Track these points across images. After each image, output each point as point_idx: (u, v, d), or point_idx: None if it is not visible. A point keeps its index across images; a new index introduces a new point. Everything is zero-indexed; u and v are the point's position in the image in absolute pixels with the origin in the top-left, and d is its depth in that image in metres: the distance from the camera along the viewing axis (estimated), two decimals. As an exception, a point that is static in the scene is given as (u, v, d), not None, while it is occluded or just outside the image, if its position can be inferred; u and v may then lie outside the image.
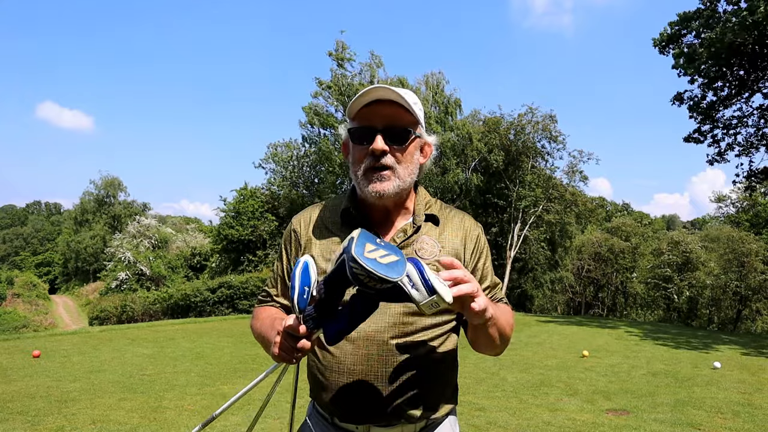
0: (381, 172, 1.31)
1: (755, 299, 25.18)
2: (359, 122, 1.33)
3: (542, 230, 25.26)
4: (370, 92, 1.28)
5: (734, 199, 32.36)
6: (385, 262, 1.03)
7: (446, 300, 1.06)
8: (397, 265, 1.04)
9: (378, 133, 1.30)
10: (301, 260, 1.13)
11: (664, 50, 16.73)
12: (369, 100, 1.29)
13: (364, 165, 1.33)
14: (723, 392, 6.27)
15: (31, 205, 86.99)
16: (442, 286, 1.07)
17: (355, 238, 1.05)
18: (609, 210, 49.67)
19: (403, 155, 1.34)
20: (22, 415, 4.74)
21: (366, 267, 0.99)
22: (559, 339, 11.48)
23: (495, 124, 23.71)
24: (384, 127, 1.31)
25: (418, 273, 1.06)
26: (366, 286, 1.04)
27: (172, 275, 36.16)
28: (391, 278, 1.01)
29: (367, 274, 1.00)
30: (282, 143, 27.35)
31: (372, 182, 1.32)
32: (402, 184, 1.34)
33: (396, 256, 1.06)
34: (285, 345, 1.15)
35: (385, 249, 1.06)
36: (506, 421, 4.81)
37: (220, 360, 7.99)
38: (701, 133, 17.17)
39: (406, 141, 1.33)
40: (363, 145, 1.32)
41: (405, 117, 1.32)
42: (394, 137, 1.32)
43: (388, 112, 1.30)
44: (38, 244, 69.94)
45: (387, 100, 1.30)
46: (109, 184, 52.27)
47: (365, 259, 1.00)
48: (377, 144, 1.29)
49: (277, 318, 1.39)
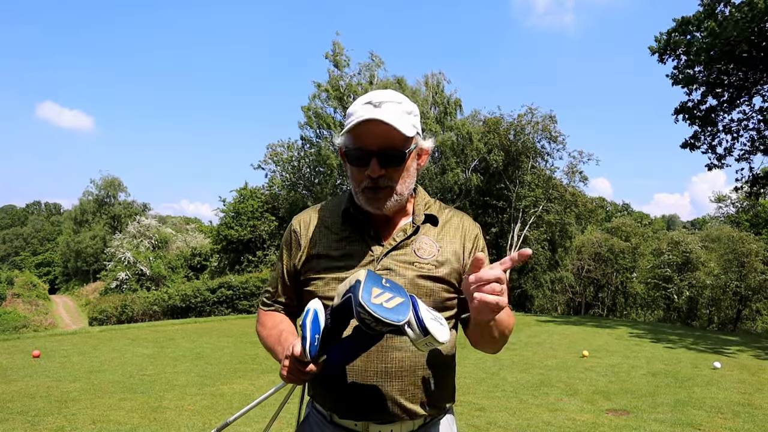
0: (378, 192, 1.32)
1: (755, 299, 25.19)
2: (354, 141, 1.30)
3: (542, 230, 25.25)
4: (363, 115, 1.25)
5: (734, 199, 32.40)
6: (391, 306, 1.08)
7: (439, 341, 1.10)
8: (402, 306, 1.09)
9: (373, 157, 1.28)
10: (310, 309, 1.16)
11: (662, 59, 16.74)
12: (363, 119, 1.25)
13: (362, 184, 1.33)
14: (723, 392, 6.26)
15: (31, 205, 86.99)
16: (437, 326, 1.11)
17: (362, 283, 1.09)
18: (609, 210, 49.69)
19: (401, 174, 1.33)
20: (22, 415, 4.74)
21: (373, 314, 1.05)
22: (559, 339, 11.48)
23: (495, 125, 23.72)
24: (379, 150, 1.28)
25: (414, 313, 1.10)
26: (371, 328, 1.09)
27: (172, 275, 36.17)
28: (396, 323, 1.06)
29: (374, 320, 1.06)
30: (281, 144, 27.38)
31: (370, 201, 1.33)
32: (401, 198, 1.35)
33: (401, 297, 1.11)
34: (293, 369, 1.20)
35: (390, 291, 1.11)
36: (506, 421, 4.81)
37: (220, 360, 7.99)
38: (697, 139, 17.19)
39: (402, 162, 1.32)
40: (359, 167, 1.32)
41: (400, 135, 1.27)
42: (389, 160, 1.30)
43: (383, 132, 1.26)
44: (38, 244, 69.92)
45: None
46: (109, 184, 52.24)
47: (372, 306, 1.06)
48: (373, 171, 1.29)
49: (283, 330, 1.43)
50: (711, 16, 14.80)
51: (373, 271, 1.15)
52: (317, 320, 1.14)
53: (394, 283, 1.15)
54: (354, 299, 1.08)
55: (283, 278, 1.49)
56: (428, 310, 1.14)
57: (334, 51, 21.94)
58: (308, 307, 1.17)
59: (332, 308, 1.17)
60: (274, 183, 28.15)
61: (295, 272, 1.45)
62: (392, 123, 1.24)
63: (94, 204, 52.32)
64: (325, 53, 21.96)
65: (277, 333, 1.42)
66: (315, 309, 1.15)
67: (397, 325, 1.07)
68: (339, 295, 1.17)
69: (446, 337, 1.11)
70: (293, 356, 1.19)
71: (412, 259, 1.35)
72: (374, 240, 1.37)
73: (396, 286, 1.14)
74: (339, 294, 1.17)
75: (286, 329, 1.44)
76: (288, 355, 1.21)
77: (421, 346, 1.11)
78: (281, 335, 1.40)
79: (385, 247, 1.36)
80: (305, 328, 1.13)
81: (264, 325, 1.51)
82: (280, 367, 1.24)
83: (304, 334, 1.12)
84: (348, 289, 1.13)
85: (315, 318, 1.14)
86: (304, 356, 1.14)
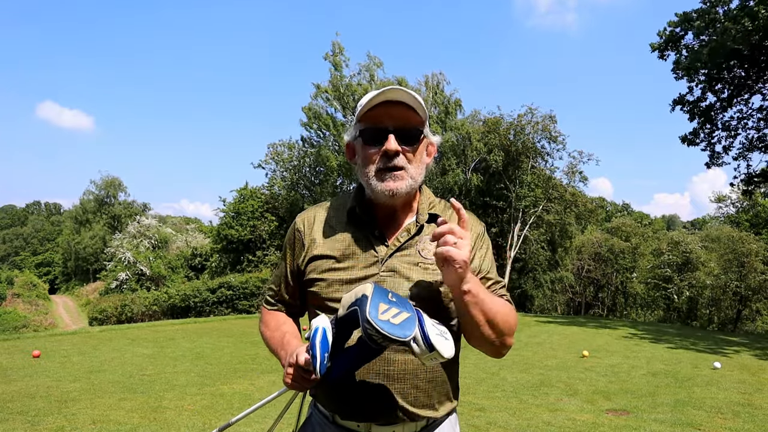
0: (394, 171, 1.33)
1: (755, 299, 25.20)
2: (370, 123, 1.33)
3: (542, 230, 25.25)
4: (384, 93, 1.29)
5: (734, 199, 32.38)
6: (398, 321, 1.08)
7: (444, 356, 1.11)
8: (408, 322, 1.10)
9: (390, 134, 1.31)
10: (319, 327, 1.15)
11: (663, 55, 16.73)
12: (381, 101, 1.30)
13: (375, 166, 1.33)
14: (723, 392, 6.27)
15: (31, 205, 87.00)
16: (442, 341, 1.12)
17: (369, 298, 1.09)
18: (609, 210, 49.69)
19: (414, 156, 1.35)
20: (22, 415, 4.74)
21: (381, 331, 1.05)
22: (559, 339, 11.48)
23: (495, 125, 23.71)
24: (396, 128, 1.31)
25: (419, 329, 1.11)
26: (377, 344, 1.10)
27: (172, 275, 36.15)
28: (403, 339, 1.07)
29: (381, 337, 1.06)
30: (282, 143, 27.38)
31: (385, 181, 1.32)
32: (414, 183, 1.36)
33: (407, 312, 1.12)
34: (297, 377, 1.22)
35: (396, 306, 1.11)
36: (506, 421, 4.81)
37: (220, 360, 7.99)
38: (696, 135, 17.18)
39: (417, 141, 1.35)
40: (375, 146, 1.33)
41: (415, 117, 1.33)
42: (406, 138, 1.33)
43: (398, 113, 1.31)
44: (38, 244, 69.94)
45: (396, 101, 1.30)
46: (109, 184, 52.25)
47: (379, 323, 1.06)
48: (390, 145, 1.30)
49: (287, 333, 1.43)
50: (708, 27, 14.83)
51: (378, 285, 1.15)
52: (326, 339, 1.14)
53: (400, 297, 1.16)
54: (361, 315, 1.08)
55: (286, 277, 1.49)
56: (434, 324, 1.14)
57: (334, 51, 21.93)
58: (316, 325, 1.16)
59: (337, 318, 1.17)
60: (274, 183, 28.15)
61: (298, 272, 1.45)
62: (409, 102, 1.29)
63: (94, 204, 52.33)
64: (324, 54, 21.98)
65: (280, 335, 1.42)
66: (324, 327, 1.15)
67: (404, 341, 1.07)
68: (344, 306, 1.17)
69: (451, 353, 1.12)
70: (297, 365, 1.19)
71: (417, 260, 1.34)
72: (379, 240, 1.37)
73: (402, 300, 1.14)
74: (344, 305, 1.17)
75: (289, 331, 1.44)
76: (292, 363, 1.21)
77: (426, 360, 1.13)
78: (284, 338, 1.40)
79: (389, 247, 1.35)
80: (314, 347, 1.12)
81: (267, 325, 1.51)
82: (284, 374, 1.25)
83: (313, 353, 1.12)
84: (354, 302, 1.13)
85: (324, 337, 1.14)
86: (314, 373, 1.14)
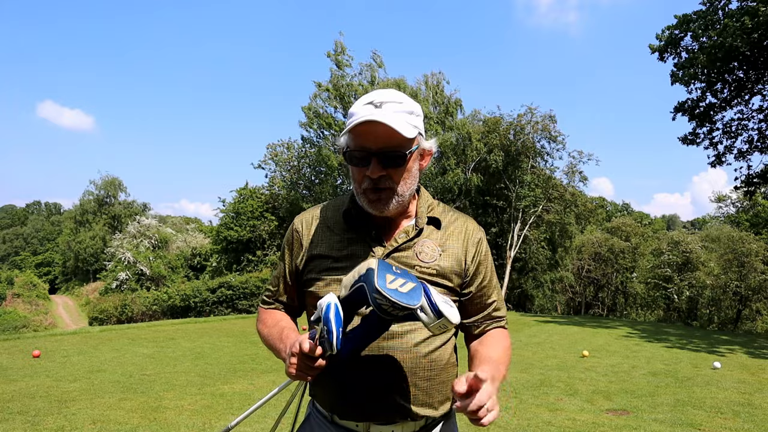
0: (380, 192, 1.30)
1: (755, 299, 25.16)
2: (354, 140, 1.28)
3: (542, 230, 25.26)
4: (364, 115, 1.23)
5: (734, 199, 32.38)
6: (405, 290, 1.10)
7: (453, 322, 1.13)
8: (415, 291, 1.11)
9: (373, 157, 1.26)
10: (331, 303, 1.14)
11: (663, 57, 16.73)
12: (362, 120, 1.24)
13: (362, 186, 1.31)
14: (723, 392, 6.27)
15: (31, 205, 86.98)
16: (448, 308, 1.14)
17: (376, 270, 1.10)
18: (609, 210, 49.70)
19: (401, 175, 1.31)
20: (22, 415, 4.74)
21: (390, 298, 1.06)
22: (559, 339, 11.48)
23: (495, 125, 23.73)
24: (379, 150, 1.26)
25: (426, 297, 1.13)
26: (387, 314, 1.10)
27: (172, 275, 36.18)
28: (412, 306, 1.08)
29: (391, 305, 1.07)
30: (281, 143, 27.37)
31: (371, 202, 1.31)
32: (402, 199, 1.33)
33: (413, 282, 1.13)
34: (302, 365, 1.19)
35: (402, 277, 1.13)
36: (506, 421, 4.81)
37: (220, 360, 7.99)
38: (696, 135, 17.18)
39: (403, 164, 1.29)
40: (360, 167, 1.30)
41: (401, 137, 1.24)
42: (390, 161, 1.27)
43: (384, 132, 1.23)
44: (38, 244, 69.96)
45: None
46: (109, 184, 52.28)
47: (388, 291, 1.07)
48: (373, 171, 1.27)
49: (285, 327, 1.42)
50: (708, 27, 14.82)
51: (383, 260, 1.16)
52: (339, 313, 1.13)
53: (405, 270, 1.17)
54: (369, 285, 1.09)
55: (284, 278, 1.49)
56: (438, 294, 1.17)
57: (336, 50, 21.92)
58: (327, 302, 1.14)
59: (340, 300, 1.17)
60: (274, 183, 28.15)
61: (297, 272, 1.45)
62: (392, 125, 1.22)
63: (94, 204, 52.34)
64: (327, 52, 21.95)
65: (278, 330, 1.41)
66: (336, 303, 1.14)
67: (413, 308, 1.08)
68: (346, 286, 1.16)
69: (457, 319, 1.15)
70: (301, 352, 1.17)
71: (414, 262, 1.34)
72: (375, 241, 1.36)
73: (406, 273, 1.16)
74: (346, 286, 1.16)
75: (287, 326, 1.43)
76: (295, 352, 1.18)
77: (435, 329, 1.14)
78: (282, 332, 1.39)
79: (386, 248, 1.35)
80: (329, 322, 1.11)
81: (264, 323, 1.50)
82: (286, 365, 1.22)
83: (329, 328, 1.10)
84: (358, 279, 1.13)
85: (337, 311, 1.13)
86: (330, 350, 1.12)
